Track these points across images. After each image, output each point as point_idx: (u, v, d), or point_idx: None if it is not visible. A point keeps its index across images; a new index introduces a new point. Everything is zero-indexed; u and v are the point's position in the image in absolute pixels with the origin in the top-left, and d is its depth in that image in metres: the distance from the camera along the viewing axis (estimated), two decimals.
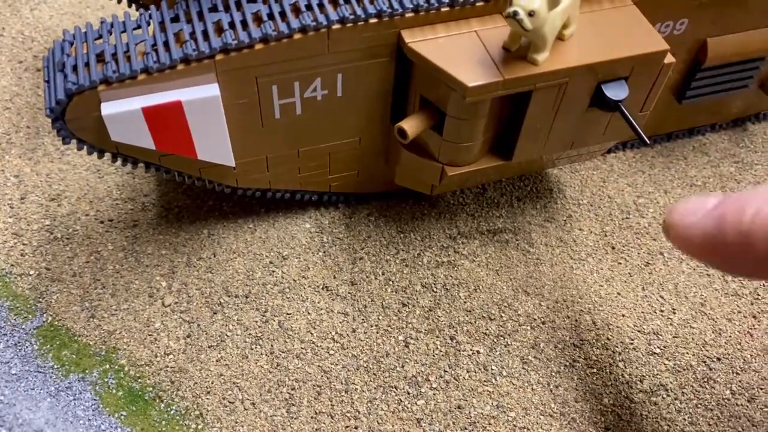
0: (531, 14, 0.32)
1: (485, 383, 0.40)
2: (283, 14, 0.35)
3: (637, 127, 0.37)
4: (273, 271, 0.44)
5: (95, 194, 0.48)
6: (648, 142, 0.38)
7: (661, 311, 0.44)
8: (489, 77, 0.34)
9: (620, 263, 0.46)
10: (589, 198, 0.50)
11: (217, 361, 0.40)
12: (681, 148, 0.53)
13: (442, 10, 0.36)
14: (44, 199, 0.47)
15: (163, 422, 0.38)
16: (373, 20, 0.36)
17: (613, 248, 0.47)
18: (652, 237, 0.48)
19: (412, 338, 0.42)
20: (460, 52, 0.36)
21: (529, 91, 0.36)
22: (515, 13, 0.32)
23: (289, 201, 0.47)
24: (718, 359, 0.42)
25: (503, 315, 0.43)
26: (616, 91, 0.37)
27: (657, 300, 0.44)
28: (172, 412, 0.38)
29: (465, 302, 0.44)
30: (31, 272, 0.44)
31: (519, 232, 0.47)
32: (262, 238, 0.46)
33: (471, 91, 0.34)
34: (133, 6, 0.49)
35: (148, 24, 0.36)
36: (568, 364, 0.41)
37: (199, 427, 0.38)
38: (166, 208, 0.48)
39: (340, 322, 0.42)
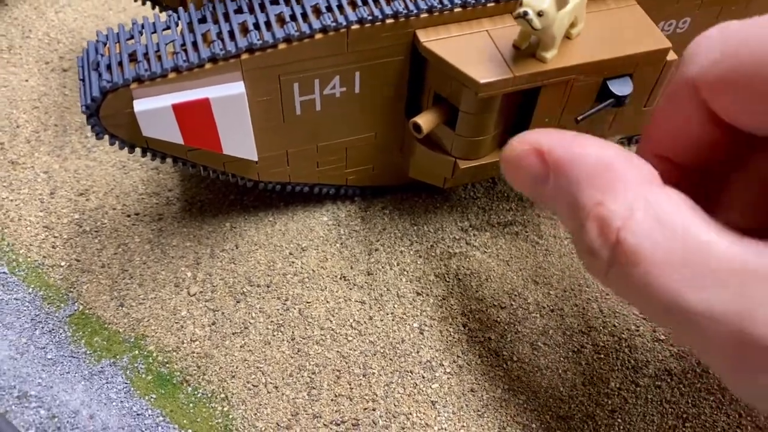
0: (540, 14, 0.33)
1: (497, 368, 0.42)
2: (304, 15, 0.37)
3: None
4: (293, 262, 0.46)
5: (121, 189, 0.50)
6: None
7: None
8: (499, 74, 0.36)
9: None
10: None
11: (240, 347, 0.42)
12: None
13: (455, 10, 0.38)
14: (73, 194, 0.50)
15: (191, 404, 0.40)
16: (389, 21, 0.37)
17: None
18: None
19: (426, 325, 0.44)
20: (472, 51, 0.37)
21: (537, 87, 0.38)
22: (525, 13, 0.33)
23: (307, 194, 0.49)
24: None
25: (513, 303, 0.45)
26: (621, 87, 0.39)
27: None
28: (199, 395, 0.40)
29: (477, 291, 0.45)
30: (62, 264, 0.46)
31: (528, 225, 0.49)
32: (282, 231, 0.48)
33: (482, 88, 0.36)
34: (157, 8, 0.51)
35: (177, 25, 0.38)
36: (576, 350, 0.43)
37: (225, 409, 0.40)
38: (190, 202, 0.50)
39: (358, 310, 0.44)
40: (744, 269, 0.21)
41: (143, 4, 0.51)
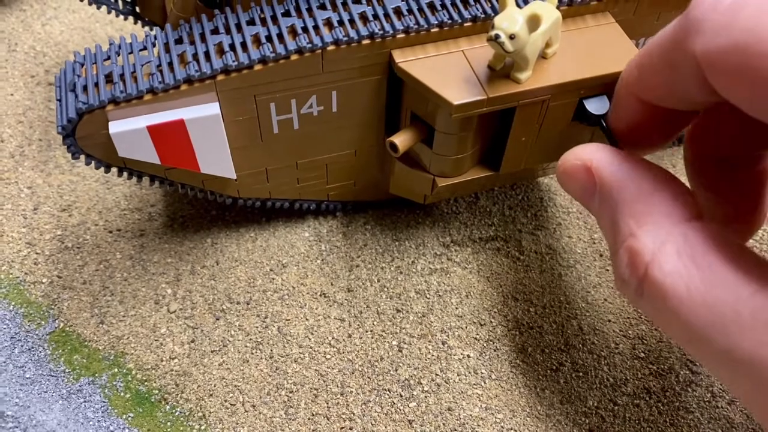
0: (512, 37, 0.33)
1: (475, 386, 0.42)
2: (280, 36, 0.37)
3: (617, 143, 0.39)
4: (273, 279, 0.46)
5: (104, 205, 0.50)
6: None
7: (647, 317, 0.45)
8: (473, 95, 0.36)
9: (608, 270, 0.48)
10: (578, 206, 0.51)
11: (219, 365, 0.42)
12: (670, 157, 0.55)
13: (432, 30, 0.38)
14: (56, 210, 0.50)
15: (168, 423, 0.40)
16: (365, 41, 0.38)
17: (601, 255, 0.49)
18: None
19: (405, 343, 0.44)
20: (446, 71, 0.37)
21: (513, 107, 0.38)
22: (497, 36, 0.33)
23: (288, 210, 0.49)
24: (701, 363, 0.43)
25: (493, 320, 0.45)
26: (597, 106, 0.39)
27: None
28: (176, 413, 0.41)
29: (457, 308, 0.45)
30: (44, 280, 0.46)
31: (510, 240, 0.49)
32: (263, 247, 0.48)
33: (456, 109, 0.36)
34: (140, 22, 0.51)
35: (154, 45, 0.38)
36: (554, 368, 0.43)
37: (202, 428, 0.40)
38: (172, 218, 0.50)
39: (337, 328, 0.44)
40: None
41: (125, 19, 0.51)
